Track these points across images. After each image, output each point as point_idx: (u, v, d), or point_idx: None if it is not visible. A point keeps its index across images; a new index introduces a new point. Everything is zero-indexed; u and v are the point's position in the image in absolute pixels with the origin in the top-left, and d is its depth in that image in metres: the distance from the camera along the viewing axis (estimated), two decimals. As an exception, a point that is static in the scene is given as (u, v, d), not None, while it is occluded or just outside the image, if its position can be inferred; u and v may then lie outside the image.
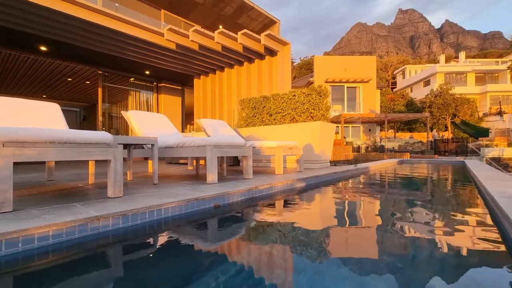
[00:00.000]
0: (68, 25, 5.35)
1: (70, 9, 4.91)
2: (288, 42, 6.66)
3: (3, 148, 1.40)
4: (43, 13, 4.88)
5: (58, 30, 5.60)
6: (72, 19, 5.09)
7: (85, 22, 5.21)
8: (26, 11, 4.79)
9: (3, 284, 1.01)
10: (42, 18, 5.08)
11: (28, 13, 4.86)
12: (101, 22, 5.30)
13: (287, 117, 5.24)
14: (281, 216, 2.04)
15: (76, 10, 4.99)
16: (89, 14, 5.16)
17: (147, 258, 1.28)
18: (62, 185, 2.73)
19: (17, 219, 1.32)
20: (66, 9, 4.85)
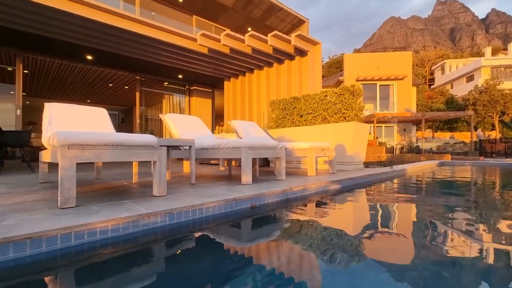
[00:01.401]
0: (110, 35, 5.78)
1: (113, 20, 5.31)
2: (319, 42, 6.56)
3: (68, 151, 1.57)
4: (89, 25, 5.33)
5: (102, 40, 6.07)
6: (114, 30, 5.50)
7: (125, 32, 5.59)
8: (75, 24, 5.27)
9: (75, 271, 1.14)
10: (88, 30, 5.55)
11: (77, 26, 5.35)
12: (139, 31, 5.66)
13: (318, 118, 5.17)
14: (316, 218, 2.03)
15: (118, 21, 5.38)
16: (129, 24, 5.53)
17: (190, 254, 1.36)
18: (110, 184, 2.96)
19: (80, 214, 1.48)
20: (109, 21, 5.25)
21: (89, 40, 6.04)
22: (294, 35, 6.01)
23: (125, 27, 5.46)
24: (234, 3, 9.18)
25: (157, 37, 5.85)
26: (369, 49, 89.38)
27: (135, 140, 1.86)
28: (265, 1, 8.61)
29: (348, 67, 19.83)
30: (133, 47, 6.44)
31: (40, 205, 1.74)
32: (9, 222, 1.30)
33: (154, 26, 5.79)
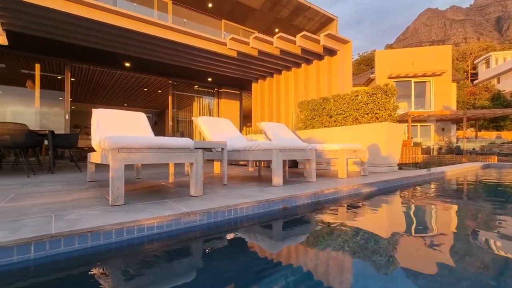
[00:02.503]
0: (146, 43, 6.15)
1: (149, 29, 5.64)
2: (349, 40, 6.39)
3: (118, 153, 1.73)
4: (128, 35, 5.72)
5: (138, 48, 6.48)
6: (150, 38, 5.85)
7: (160, 39, 5.92)
8: (116, 35, 5.69)
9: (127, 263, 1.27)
10: (127, 39, 5.96)
11: (117, 36, 5.77)
12: (172, 38, 5.95)
13: (349, 119, 5.05)
14: (347, 222, 2.01)
15: (153, 29, 5.71)
16: (163, 31, 5.84)
17: (225, 252, 1.43)
18: (149, 183, 3.17)
19: (129, 211, 1.63)
20: (146, 30, 5.59)
21: (127, 49, 6.48)
22: (323, 35, 5.92)
23: (159, 35, 5.78)
24: (261, 5, 9.27)
25: (189, 43, 6.11)
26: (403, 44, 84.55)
27: (174, 143, 1.99)
28: (293, 1, 8.59)
29: (380, 64, 18.98)
30: (166, 53, 6.78)
31: (93, 202, 1.94)
32: (72, 216, 1.48)
33: (186, 32, 6.05)
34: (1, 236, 1.14)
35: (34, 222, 1.37)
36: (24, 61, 7.42)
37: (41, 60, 7.43)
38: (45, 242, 1.17)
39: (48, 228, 1.25)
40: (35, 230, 1.23)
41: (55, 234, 1.19)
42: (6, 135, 4.01)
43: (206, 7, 9.27)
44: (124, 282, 1.11)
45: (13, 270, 1.10)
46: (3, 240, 1.10)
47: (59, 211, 1.62)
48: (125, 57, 7.52)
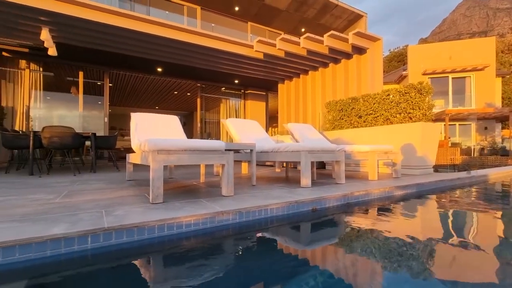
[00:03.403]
0: (177, 48, 6.44)
1: (179, 36, 5.91)
2: (379, 38, 6.16)
3: (158, 155, 1.87)
4: (160, 42, 6.04)
5: (170, 54, 6.81)
6: (180, 43, 6.12)
7: (189, 45, 6.17)
8: (149, 42, 6.04)
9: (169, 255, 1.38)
10: (159, 46, 6.29)
11: (151, 43, 6.11)
12: (201, 43, 6.18)
13: (380, 119, 4.88)
14: (378, 225, 1.97)
15: (184, 36, 5.97)
16: (193, 37, 6.08)
17: (255, 250, 1.49)
18: (182, 183, 3.34)
19: (168, 208, 1.76)
20: (177, 36, 5.87)
21: (159, 55, 6.83)
22: (352, 33, 5.79)
23: (189, 41, 6.03)
24: (287, 6, 9.26)
25: (217, 47, 6.30)
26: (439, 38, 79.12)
27: (208, 145, 2.10)
28: (320, 0, 8.48)
29: (413, 60, 17.98)
30: (196, 58, 7.05)
31: (135, 199, 2.11)
32: (119, 212, 1.64)
33: (213, 37, 6.25)
34: (64, 228, 1.31)
35: (89, 216, 1.54)
36: (69, 70, 8.13)
37: (84, 68, 8.09)
38: (99, 235, 1.31)
39: (101, 222, 1.41)
40: (91, 223, 1.39)
41: (107, 228, 1.33)
42: (56, 137, 4.44)
43: (233, 10, 9.47)
44: (164, 273, 1.21)
45: (75, 258, 1.25)
46: (67, 231, 1.25)
47: (108, 207, 1.79)
48: (158, 62, 7.93)
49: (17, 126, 7.27)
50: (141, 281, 1.11)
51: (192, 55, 6.84)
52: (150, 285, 1.09)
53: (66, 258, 1.23)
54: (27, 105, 7.42)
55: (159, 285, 1.09)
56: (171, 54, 6.80)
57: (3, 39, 6.25)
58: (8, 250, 1.13)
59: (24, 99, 7.42)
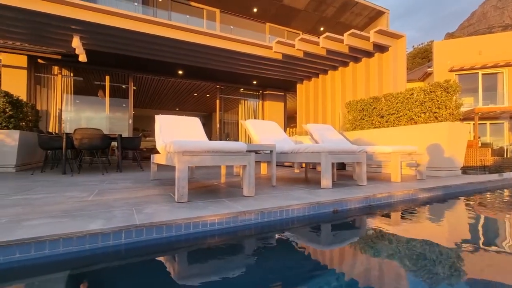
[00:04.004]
0: (197, 51, 6.61)
1: (199, 39, 6.06)
2: (402, 35, 5.96)
3: (183, 156, 1.96)
4: (182, 46, 6.22)
5: (190, 57, 6.99)
6: (200, 47, 6.27)
7: (209, 48, 6.31)
8: (171, 46, 6.25)
9: (195, 252, 1.45)
10: (180, 50, 6.48)
11: (173, 47, 6.32)
12: (221, 45, 6.29)
13: (403, 119, 4.74)
14: (401, 229, 1.93)
15: (203, 39, 6.11)
16: (213, 40, 6.21)
17: (276, 250, 1.52)
18: (203, 183, 3.44)
19: (193, 208, 1.83)
20: (197, 40, 6.02)
21: (180, 58, 7.04)
22: (373, 31, 5.65)
23: (209, 44, 6.16)
24: (306, 6, 9.21)
25: (236, 49, 6.39)
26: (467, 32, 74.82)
27: (230, 147, 2.16)
28: (339, -1, 8.35)
29: (439, 56, 17.17)
30: (215, 60, 7.19)
31: (160, 198, 2.21)
32: (148, 210, 1.73)
33: (232, 39, 6.34)
34: (100, 224, 1.41)
35: (121, 213, 1.65)
36: (97, 74, 8.58)
37: (110, 72, 8.50)
38: (132, 231, 1.40)
39: (132, 219, 1.50)
40: (124, 220, 1.48)
41: (139, 224, 1.42)
42: (86, 138, 4.72)
43: (251, 12, 9.55)
44: (190, 269, 1.28)
45: (110, 252, 1.35)
46: (103, 227, 1.35)
47: (137, 205, 1.90)
48: (179, 65, 8.17)
49: (50, 128, 7.77)
50: (169, 275, 1.18)
51: (211, 57, 6.98)
52: (177, 279, 1.16)
53: (102, 252, 1.33)
54: (59, 108, 7.92)
55: (185, 280, 1.16)
56: (191, 57, 6.98)
57: (39, 47, 6.72)
58: (53, 243, 1.24)
59: (56, 102, 7.93)
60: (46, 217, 1.57)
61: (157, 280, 1.13)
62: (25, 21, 4.90)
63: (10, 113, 5.05)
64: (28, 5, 4.39)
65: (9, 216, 1.60)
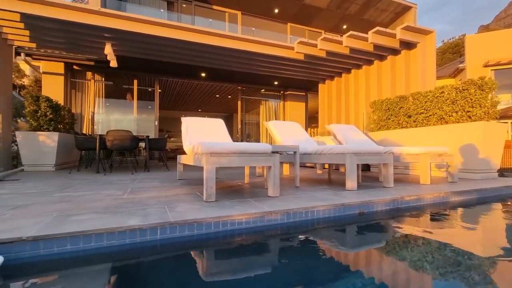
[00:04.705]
0: (220, 54, 6.75)
1: (222, 42, 6.19)
2: (432, 30, 5.69)
3: (211, 157, 2.04)
4: (205, 49, 6.39)
5: (213, 60, 7.16)
6: (223, 50, 6.40)
7: (231, 50, 6.42)
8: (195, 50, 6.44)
9: (223, 249, 1.51)
10: (204, 53, 6.66)
11: (196, 51, 6.51)
12: (242, 47, 6.37)
13: (432, 118, 4.54)
14: (431, 234, 1.85)
15: (225, 42, 6.23)
16: (234, 42, 6.31)
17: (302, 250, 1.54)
18: (228, 183, 3.52)
19: (220, 207, 1.90)
20: (219, 43, 6.15)
21: (203, 61, 7.23)
22: (400, 28, 5.44)
23: (231, 46, 6.27)
24: (328, 4, 9.07)
25: (257, 50, 6.45)
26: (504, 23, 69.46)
27: (256, 148, 2.21)
28: (363, -5, 8.14)
29: (472, 50, 16.13)
30: (237, 62, 7.30)
31: (189, 197, 2.31)
32: (180, 209, 1.83)
33: (254, 41, 6.41)
34: (138, 220, 1.52)
35: (155, 211, 1.76)
36: (126, 78, 9.03)
37: (138, 76, 8.92)
38: (166, 228, 1.50)
39: (166, 217, 1.60)
40: (158, 217, 1.58)
41: (172, 222, 1.51)
42: (117, 139, 5.00)
43: (272, 13, 9.58)
44: (219, 264, 1.34)
45: (147, 247, 1.45)
46: (141, 223, 1.46)
47: (168, 204, 2.01)
48: (202, 68, 8.39)
49: (84, 130, 8.31)
50: (199, 271, 1.25)
51: (233, 59, 7.09)
52: (207, 274, 1.23)
53: (140, 247, 1.44)
54: (92, 111, 8.44)
55: (215, 276, 1.22)
56: (214, 59, 7.14)
57: (75, 55, 7.21)
58: (98, 237, 1.36)
59: (89, 106, 8.45)
60: (89, 212, 1.71)
61: (189, 275, 1.21)
62: (63, 31, 5.29)
63: (50, 117, 5.48)
64: (66, 17, 4.74)
65: (58, 211, 1.76)
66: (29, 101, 5.31)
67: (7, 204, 2.02)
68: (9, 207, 1.90)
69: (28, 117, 5.38)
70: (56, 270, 1.24)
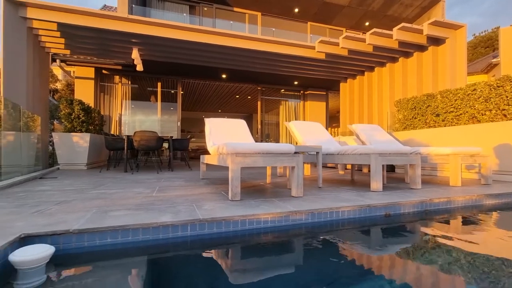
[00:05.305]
0: (240, 56, 6.84)
1: (242, 43, 6.27)
2: (462, 25, 5.41)
3: (236, 158, 2.09)
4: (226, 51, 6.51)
5: (233, 61, 7.27)
6: (243, 51, 6.49)
7: (251, 51, 6.48)
8: (216, 52, 6.57)
9: (249, 247, 1.56)
10: (225, 55, 6.78)
11: (218, 53, 6.65)
12: (262, 48, 6.42)
13: (463, 117, 4.32)
14: (462, 238, 1.76)
15: (246, 43, 6.30)
16: (254, 43, 6.37)
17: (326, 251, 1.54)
18: (250, 183, 3.58)
19: (246, 206, 1.95)
20: (239, 44, 6.24)
21: (224, 63, 7.36)
22: (427, 24, 5.22)
23: (251, 47, 6.34)
24: (350, 1, 8.90)
25: (277, 51, 6.47)
26: (544, 13, 64.14)
27: (279, 148, 2.24)
28: (387, -9, 7.89)
29: (507, 44, 15.03)
30: (257, 63, 7.36)
31: (214, 196, 2.38)
32: (207, 207, 1.90)
33: (274, 41, 6.42)
34: (170, 217, 1.60)
35: (184, 208, 1.84)
36: (150, 81, 9.39)
37: (161, 79, 9.25)
38: (196, 224, 1.57)
39: (195, 214, 1.67)
40: (188, 215, 1.66)
41: (202, 219, 1.58)
42: (144, 140, 5.22)
43: (292, 12, 9.54)
44: (245, 262, 1.38)
45: (178, 242, 1.53)
46: (173, 220, 1.54)
47: (196, 202, 2.09)
48: (222, 69, 8.54)
49: (112, 131, 8.74)
50: (226, 266, 1.30)
51: (254, 60, 7.16)
52: (234, 271, 1.27)
53: (172, 242, 1.52)
54: (119, 113, 8.86)
55: (241, 272, 1.26)
56: (234, 61, 7.25)
57: (104, 60, 7.62)
58: (135, 231, 1.45)
59: (116, 108, 8.88)
60: (124, 209, 1.83)
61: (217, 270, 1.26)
62: (94, 38, 5.62)
63: (83, 119, 5.84)
64: (98, 24, 5.03)
65: (96, 207, 1.90)
66: (64, 104, 5.69)
67: (51, 200, 2.20)
68: (53, 202, 2.07)
69: (63, 119, 5.76)
70: (98, 261, 1.34)
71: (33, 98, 5.12)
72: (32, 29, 5.05)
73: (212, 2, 9.11)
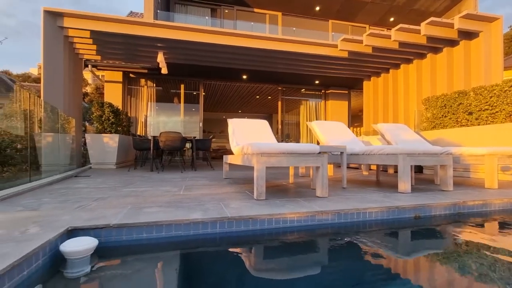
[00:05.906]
0: (260, 56, 6.88)
1: (262, 44, 6.30)
2: (498, 17, 5.06)
3: (261, 157, 2.13)
4: (246, 52, 6.58)
5: (254, 62, 7.32)
6: (263, 51, 6.52)
7: (272, 51, 6.50)
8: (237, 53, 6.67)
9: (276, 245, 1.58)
10: (245, 56, 6.85)
11: (238, 55, 6.74)
12: (283, 48, 6.41)
13: (500, 115, 4.06)
14: (499, 244, 1.64)
15: (266, 44, 6.32)
16: (275, 44, 6.38)
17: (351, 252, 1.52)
18: (274, 182, 3.60)
19: (271, 205, 1.98)
20: (260, 45, 6.28)
21: (245, 64, 7.44)
22: (458, 17, 4.95)
23: (271, 48, 6.35)
24: (373, -3, 8.63)
25: (298, 50, 6.43)
26: None
27: (303, 149, 2.24)
28: (413, -16, 7.58)
29: (549, 35, 13.84)
30: (278, 63, 7.36)
31: (239, 195, 2.43)
32: (234, 206, 1.95)
33: (295, 41, 6.39)
34: (200, 214, 1.67)
35: (212, 207, 1.90)
36: (173, 83, 9.70)
37: (184, 81, 9.52)
38: (225, 222, 1.62)
39: (224, 212, 1.72)
40: (217, 213, 1.72)
41: (230, 217, 1.63)
42: (169, 140, 5.41)
43: (313, 11, 9.44)
44: (271, 260, 1.41)
45: (207, 238, 1.59)
46: (203, 217, 1.60)
47: (222, 201, 2.15)
48: (243, 70, 8.63)
49: (138, 132, 9.13)
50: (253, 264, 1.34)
51: (274, 60, 7.17)
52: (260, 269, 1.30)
53: (202, 238, 1.58)
54: (145, 114, 9.24)
55: (267, 270, 1.29)
56: (255, 61, 7.30)
57: (131, 64, 7.98)
58: (168, 227, 1.53)
59: (142, 110, 9.27)
60: (156, 206, 1.92)
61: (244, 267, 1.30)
62: (123, 44, 5.92)
63: (112, 120, 6.16)
64: (126, 30, 5.30)
65: (130, 204, 2.01)
66: (96, 107, 6.03)
67: (89, 196, 2.36)
68: (92, 199, 2.23)
69: (95, 121, 6.12)
70: (134, 254, 1.43)
71: (69, 101, 5.49)
72: (68, 37, 5.41)
73: (233, 4, 9.24)
